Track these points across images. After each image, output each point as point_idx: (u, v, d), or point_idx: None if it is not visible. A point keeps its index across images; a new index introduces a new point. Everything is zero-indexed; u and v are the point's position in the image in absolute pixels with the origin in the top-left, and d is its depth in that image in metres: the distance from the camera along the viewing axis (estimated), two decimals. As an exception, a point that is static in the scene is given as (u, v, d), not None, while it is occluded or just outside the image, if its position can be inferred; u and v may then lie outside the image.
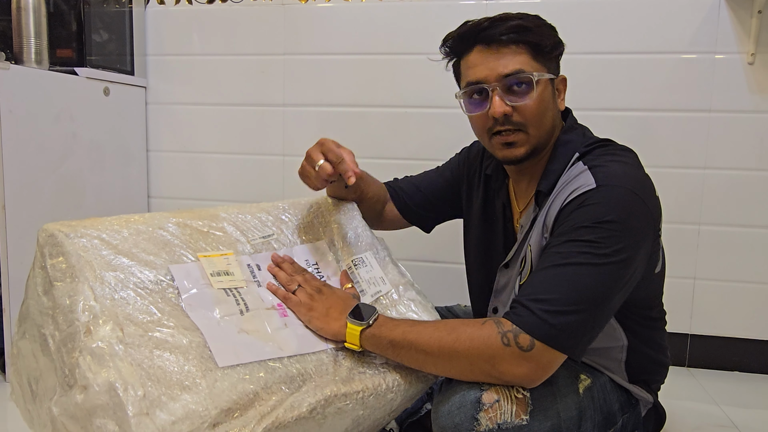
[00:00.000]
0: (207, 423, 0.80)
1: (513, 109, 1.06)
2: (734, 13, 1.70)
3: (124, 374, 0.81)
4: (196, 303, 0.96)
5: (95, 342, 0.84)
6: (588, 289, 0.94)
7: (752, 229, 1.75)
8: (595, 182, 0.99)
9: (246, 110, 2.03)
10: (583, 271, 0.94)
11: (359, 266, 1.19)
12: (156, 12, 2.05)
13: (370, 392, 0.99)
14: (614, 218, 0.95)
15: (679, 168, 1.77)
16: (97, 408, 0.80)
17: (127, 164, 2.01)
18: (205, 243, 1.07)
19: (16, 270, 1.52)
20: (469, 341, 0.95)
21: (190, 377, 0.85)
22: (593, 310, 0.94)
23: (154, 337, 0.87)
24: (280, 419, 0.86)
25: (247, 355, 0.92)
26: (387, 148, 1.95)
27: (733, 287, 1.78)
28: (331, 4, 1.93)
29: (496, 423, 0.95)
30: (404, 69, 1.90)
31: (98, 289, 0.89)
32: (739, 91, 1.72)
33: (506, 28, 1.05)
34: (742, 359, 1.81)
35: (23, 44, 1.61)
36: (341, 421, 0.96)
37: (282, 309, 1.05)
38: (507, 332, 0.93)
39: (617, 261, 0.95)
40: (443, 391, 1.01)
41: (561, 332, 0.92)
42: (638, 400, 1.16)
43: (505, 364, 0.93)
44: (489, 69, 1.06)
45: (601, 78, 1.78)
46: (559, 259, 0.96)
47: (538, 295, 0.94)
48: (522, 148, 1.09)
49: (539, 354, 0.93)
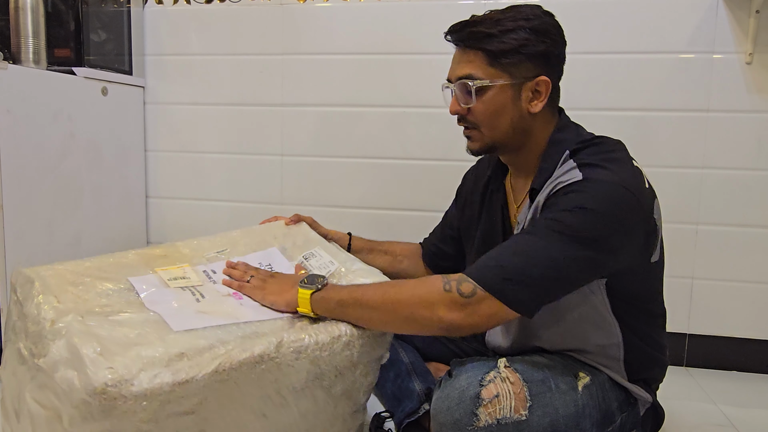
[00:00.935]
0: (160, 362, 0.87)
1: (468, 109, 1.14)
2: (732, 12, 1.70)
3: (83, 337, 0.88)
4: (154, 299, 1.05)
5: (57, 325, 0.92)
6: (548, 256, 0.97)
7: (750, 228, 1.75)
8: (582, 175, 1.02)
9: (244, 110, 2.03)
10: (548, 242, 0.98)
11: (310, 259, 1.28)
12: (154, 12, 2.04)
13: (323, 335, 1.04)
14: (595, 207, 0.98)
15: (677, 168, 1.77)
16: (58, 363, 0.86)
17: (125, 164, 2.00)
18: (163, 262, 1.18)
19: (13, 269, 1.52)
20: (413, 289, 1.01)
21: (145, 338, 0.92)
22: (547, 273, 0.97)
23: (113, 320, 0.95)
24: (233, 359, 0.92)
25: (202, 323, 0.99)
26: (385, 148, 1.95)
27: (731, 287, 1.78)
28: (329, 4, 1.93)
29: (495, 418, 0.96)
30: (403, 69, 1.90)
31: (62, 296, 0.99)
32: (737, 91, 1.72)
33: (465, 33, 1.12)
34: (741, 359, 1.81)
35: (21, 44, 1.61)
36: (299, 364, 1.00)
37: (237, 295, 1.13)
38: (451, 280, 0.99)
39: (588, 240, 0.97)
40: (442, 388, 1.02)
41: (507, 284, 0.96)
42: (637, 399, 1.16)
43: (442, 309, 0.98)
44: (452, 70, 1.16)
45: (599, 78, 1.78)
46: (527, 232, 1.01)
47: (495, 254, 1.00)
48: (477, 143, 1.17)
49: (479, 300, 0.97)
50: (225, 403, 0.93)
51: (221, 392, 0.91)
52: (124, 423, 0.82)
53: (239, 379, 0.93)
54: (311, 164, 2.00)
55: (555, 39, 1.13)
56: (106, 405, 0.81)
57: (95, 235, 1.85)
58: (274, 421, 1.01)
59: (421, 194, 1.93)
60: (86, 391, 0.81)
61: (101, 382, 0.81)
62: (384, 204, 1.96)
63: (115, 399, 0.81)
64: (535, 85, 1.12)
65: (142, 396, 0.83)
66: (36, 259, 1.60)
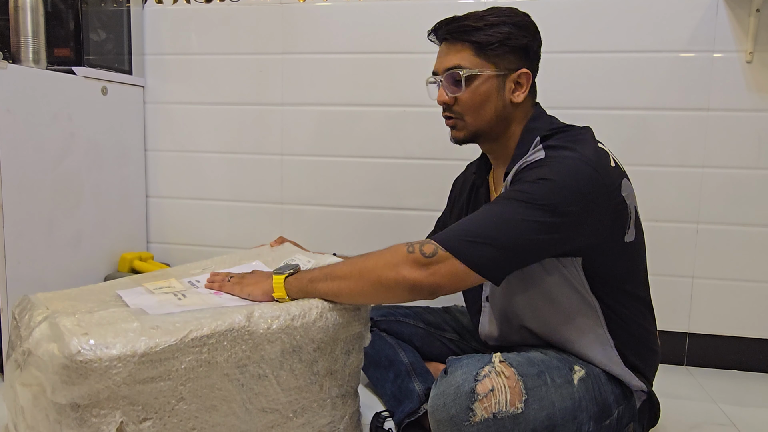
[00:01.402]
0: (134, 331, 0.94)
1: (454, 99, 1.20)
2: (732, 11, 1.70)
3: (64, 317, 0.96)
4: (138, 300, 1.13)
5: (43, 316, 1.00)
6: (507, 219, 1.02)
7: (750, 227, 1.75)
8: (545, 154, 1.09)
9: (244, 109, 2.03)
10: (507, 207, 1.03)
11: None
12: (154, 11, 2.04)
13: (296, 308, 1.10)
14: (555, 178, 1.03)
15: (677, 167, 1.77)
16: (40, 341, 0.92)
17: (125, 164, 2.00)
18: (151, 279, 1.28)
19: (14, 269, 1.52)
20: (379, 255, 1.07)
21: (123, 318, 0.99)
22: (507, 234, 1.01)
23: (96, 314, 1.00)
24: (204, 326, 0.98)
25: (179, 310, 1.07)
26: (385, 147, 1.94)
27: (731, 286, 1.78)
28: (329, 4, 1.93)
29: (491, 413, 0.97)
30: (402, 68, 1.90)
31: (52, 305, 1.07)
32: (738, 90, 1.72)
33: (453, 27, 1.19)
34: (741, 358, 1.81)
35: (21, 43, 1.60)
36: (272, 334, 1.05)
37: (218, 293, 1.20)
38: (414, 243, 1.04)
39: (548, 207, 1.01)
40: (438, 385, 1.04)
41: (466, 245, 1.00)
42: (633, 392, 1.17)
43: (406, 268, 1.02)
44: (439, 62, 1.22)
45: (599, 77, 1.78)
46: (492, 203, 1.07)
47: (459, 222, 1.06)
48: (461, 132, 1.24)
49: (439, 260, 1.01)
50: (200, 371, 0.98)
51: (196, 359, 0.97)
52: (101, 386, 0.88)
53: (213, 346, 0.98)
54: (311, 164, 2.00)
55: (534, 35, 1.20)
56: (83, 367, 0.87)
57: (95, 235, 1.85)
58: (254, 392, 1.05)
59: (421, 193, 1.93)
60: (64, 355, 0.87)
61: (77, 347, 0.87)
62: (384, 203, 1.96)
63: (91, 361, 0.87)
64: (518, 77, 1.19)
65: (116, 358, 0.89)
66: (36, 258, 1.60)
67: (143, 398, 0.93)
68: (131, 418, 0.92)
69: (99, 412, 0.89)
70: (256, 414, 1.07)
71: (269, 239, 1.58)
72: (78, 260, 1.79)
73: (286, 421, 1.12)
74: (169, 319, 0.99)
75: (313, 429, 1.16)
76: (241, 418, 1.05)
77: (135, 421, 0.92)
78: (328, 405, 1.18)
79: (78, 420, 0.89)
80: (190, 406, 0.98)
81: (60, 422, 0.90)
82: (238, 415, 1.04)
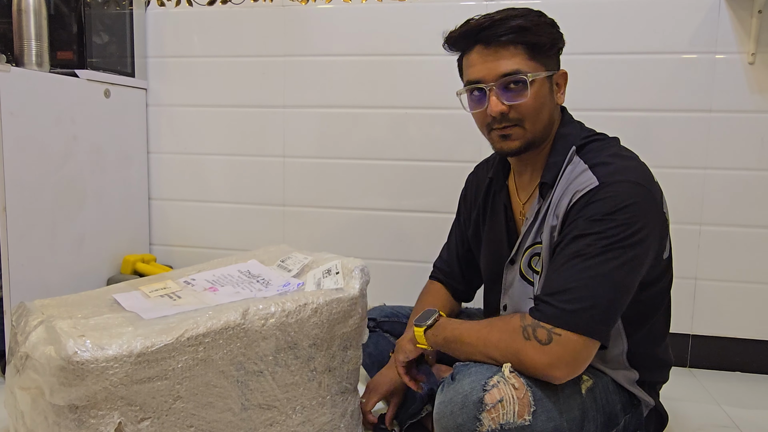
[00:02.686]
0: (130, 334, 0.95)
1: (510, 107, 1.09)
2: (734, 12, 1.70)
3: (60, 321, 0.98)
4: (133, 303, 1.14)
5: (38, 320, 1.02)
6: (603, 275, 0.98)
7: (753, 229, 1.74)
8: (597, 180, 1.03)
9: (246, 112, 2.04)
10: (597, 259, 0.98)
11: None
12: (156, 14, 2.05)
13: (290, 303, 1.11)
14: (621, 209, 0.99)
15: (679, 168, 1.77)
16: (37, 344, 0.94)
17: (128, 166, 2.01)
18: (148, 282, 1.29)
19: (16, 271, 1.53)
20: (499, 334, 1.03)
21: (118, 323, 1.00)
22: (612, 292, 0.98)
23: (92, 319, 1.02)
24: (199, 325, 0.99)
25: (174, 311, 1.08)
26: (387, 150, 1.94)
27: (734, 287, 1.78)
28: (331, 6, 1.93)
29: (498, 423, 0.95)
30: (404, 70, 1.90)
31: (48, 311, 1.09)
32: (740, 91, 1.71)
33: (505, 28, 1.08)
34: (744, 359, 1.80)
35: (24, 46, 1.61)
36: (266, 330, 1.06)
37: (213, 289, 1.21)
38: (527, 326, 0.99)
39: (628, 244, 0.98)
40: (445, 392, 1.02)
41: (580, 317, 0.96)
42: (640, 401, 1.16)
43: (527, 358, 0.99)
44: (487, 69, 1.10)
45: (601, 78, 1.77)
46: (572, 254, 1.01)
47: (554, 288, 1.00)
48: (517, 141, 1.13)
49: (561, 343, 0.97)
50: (197, 369, 0.99)
51: (192, 358, 0.98)
52: (98, 387, 0.89)
53: (208, 345, 0.99)
54: (313, 166, 2.01)
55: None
56: (80, 369, 0.88)
57: (98, 237, 1.86)
58: (250, 389, 1.06)
59: (424, 195, 1.93)
60: (61, 357, 0.88)
61: (74, 349, 0.88)
62: (386, 205, 1.96)
63: (88, 362, 0.88)
64: (558, 78, 1.16)
65: (113, 359, 0.90)
66: (39, 261, 1.61)
67: (141, 398, 0.93)
68: (129, 419, 0.92)
69: (97, 413, 0.90)
70: (254, 411, 1.07)
71: (271, 241, 1.59)
72: (81, 262, 1.79)
73: (285, 419, 1.12)
74: (165, 321, 1.00)
75: (313, 427, 1.16)
76: (238, 415, 1.05)
77: (133, 421, 0.93)
78: (327, 403, 1.18)
79: (76, 421, 0.90)
80: (187, 405, 0.98)
81: (59, 424, 0.91)
82: (235, 411, 1.04)
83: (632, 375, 1.15)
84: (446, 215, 1.90)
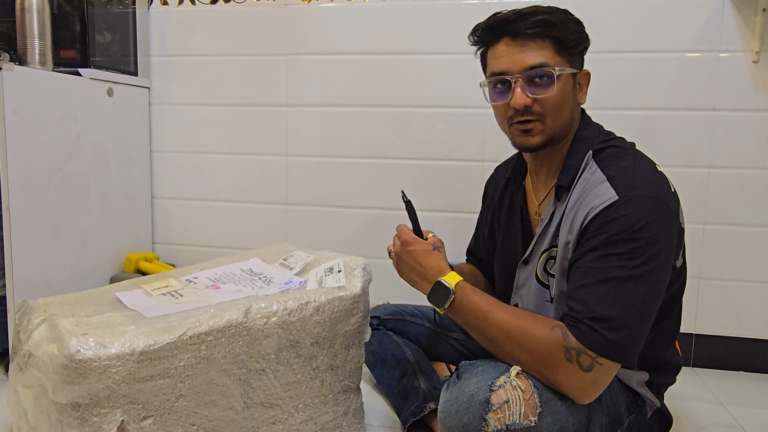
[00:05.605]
0: (132, 333, 0.95)
1: (534, 100, 1.10)
2: (739, 11, 1.69)
3: (62, 319, 0.99)
4: (135, 302, 1.14)
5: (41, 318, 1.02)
6: (638, 301, 0.98)
7: (757, 228, 1.74)
8: (616, 194, 1.02)
9: (249, 110, 2.04)
10: (629, 284, 0.98)
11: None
12: (159, 13, 2.05)
13: (292, 302, 1.11)
14: (643, 226, 0.99)
15: (683, 167, 1.76)
16: (40, 343, 0.94)
17: (131, 165, 2.01)
18: (150, 280, 1.29)
19: (19, 269, 1.53)
20: (536, 344, 1.00)
21: (120, 322, 1.01)
22: (645, 318, 0.99)
23: (94, 317, 1.02)
24: (202, 323, 1.00)
25: (176, 309, 1.08)
26: (390, 148, 1.94)
27: (738, 286, 1.77)
28: (334, 4, 1.93)
29: (504, 424, 0.95)
30: (407, 69, 1.90)
31: (50, 309, 1.09)
32: (744, 90, 1.71)
33: (533, 22, 1.09)
34: (748, 359, 1.80)
35: (27, 45, 1.61)
36: (268, 329, 1.07)
37: (215, 287, 1.21)
38: (571, 348, 0.97)
39: (654, 267, 0.99)
40: (450, 391, 1.01)
41: (621, 346, 0.97)
42: (645, 401, 1.16)
43: (563, 378, 0.98)
44: (513, 61, 1.11)
45: (605, 77, 1.77)
46: (601, 274, 1.00)
47: (597, 314, 0.97)
48: (538, 137, 1.13)
49: (601, 372, 0.97)
50: (199, 368, 0.99)
51: (194, 356, 0.98)
52: (101, 385, 0.89)
53: (211, 343, 0.99)
54: (316, 164, 2.01)
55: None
56: (83, 367, 0.88)
57: (101, 236, 1.86)
58: (252, 387, 1.07)
59: (426, 194, 1.92)
60: (64, 355, 0.88)
61: (77, 347, 0.89)
62: (388, 204, 1.96)
63: (91, 360, 0.89)
64: (584, 76, 1.16)
65: (115, 357, 0.90)
66: (42, 259, 1.61)
67: (143, 396, 0.93)
68: (132, 417, 0.93)
69: (100, 411, 0.90)
70: (256, 409, 1.07)
71: (274, 240, 1.59)
72: (84, 261, 1.79)
73: (287, 417, 1.12)
74: (167, 319, 1.00)
75: (315, 425, 1.16)
76: (240, 413, 1.05)
77: (135, 419, 0.93)
78: (330, 401, 1.18)
79: (79, 419, 0.90)
80: (189, 403, 0.99)
81: (61, 422, 0.91)
82: (237, 410, 1.05)
83: (642, 376, 1.15)
84: (449, 213, 1.90)
